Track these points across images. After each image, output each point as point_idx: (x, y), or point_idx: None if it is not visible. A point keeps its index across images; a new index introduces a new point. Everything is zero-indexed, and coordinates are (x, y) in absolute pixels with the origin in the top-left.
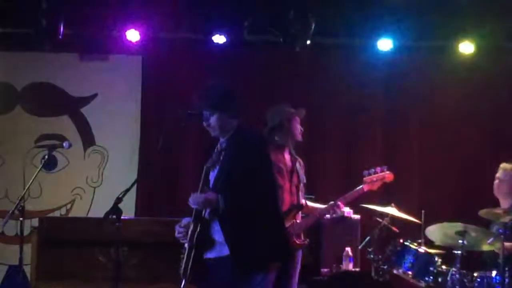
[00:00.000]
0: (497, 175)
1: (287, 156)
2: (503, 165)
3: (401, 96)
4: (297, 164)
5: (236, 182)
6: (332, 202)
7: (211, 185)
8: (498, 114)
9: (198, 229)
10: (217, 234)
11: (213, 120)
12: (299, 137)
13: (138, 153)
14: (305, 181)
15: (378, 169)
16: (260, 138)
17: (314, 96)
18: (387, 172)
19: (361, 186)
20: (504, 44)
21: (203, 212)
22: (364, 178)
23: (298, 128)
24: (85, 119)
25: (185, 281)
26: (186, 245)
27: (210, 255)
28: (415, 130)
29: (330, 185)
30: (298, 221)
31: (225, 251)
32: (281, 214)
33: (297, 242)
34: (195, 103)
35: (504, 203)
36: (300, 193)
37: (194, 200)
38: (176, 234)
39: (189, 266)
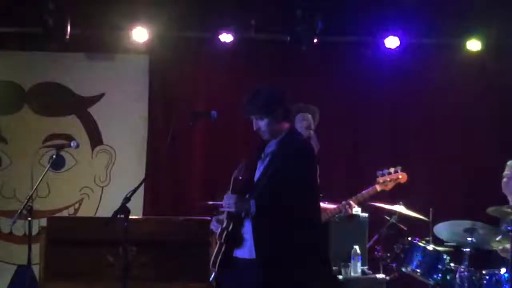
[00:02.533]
0: (505, 172)
1: None
2: (510, 162)
3: (408, 93)
4: None
5: (272, 188)
6: (344, 202)
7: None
8: (506, 112)
9: (229, 228)
10: (248, 235)
11: (262, 125)
12: (305, 136)
13: (145, 152)
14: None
15: (392, 169)
16: (307, 144)
17: (321, 94)
18: (401, 173)
19: (374, 186)
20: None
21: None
22: (378, 178)
23: (302, 126)
24: (92, 119)
25: (214, 273)
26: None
27: (239, 254)
28: (422, 127)
29: (336, 183)
30: None
31: (254, 253)
32: (319, 225)
33: None
34: (244, 108)
35: None
36: None
37: (226, 201)
38: (211, 226)
39: (218, 261)
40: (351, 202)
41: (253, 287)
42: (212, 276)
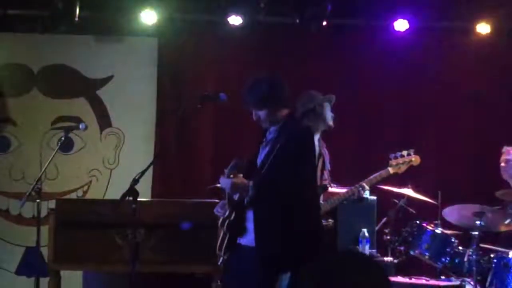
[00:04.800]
0: (502, 158)
1: (316, 141)
2: (506, 149)
3: (418, 77)
4: (324, 149)
5: (271, 172)
6: (357, 185)
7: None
8: None
9: (231, 217)
10: (250, 224)
11: (262, 115)
12: (331, 123)
13: (154, 134)
14: (329, 167)
15: (405, 152)
16: (307, 130)
17: (330, 77)
18: (414, 155)
19: (387, 169)
20: None
21: (235, 196)
22: (390, 161)
23: (330, 114)
24: (101, 101)
25: (222, 257)
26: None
27: (242, 241)
28: (431, 110)
29: (345, 167)
30: (321, 202)
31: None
32: (318, 209)
33: None
34: (243, 101)
35: None
36: (323, 177)
37: (222, 183)
38: (215, 211)
39: (223, 247)
40: (364, 184)
41: (249, 271)
42: (221, 260)
